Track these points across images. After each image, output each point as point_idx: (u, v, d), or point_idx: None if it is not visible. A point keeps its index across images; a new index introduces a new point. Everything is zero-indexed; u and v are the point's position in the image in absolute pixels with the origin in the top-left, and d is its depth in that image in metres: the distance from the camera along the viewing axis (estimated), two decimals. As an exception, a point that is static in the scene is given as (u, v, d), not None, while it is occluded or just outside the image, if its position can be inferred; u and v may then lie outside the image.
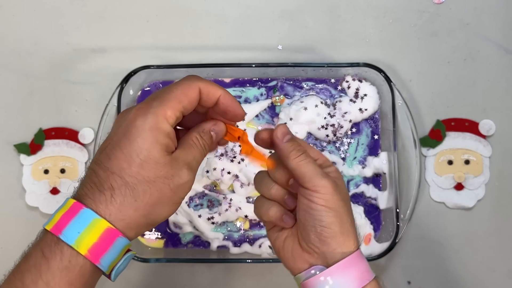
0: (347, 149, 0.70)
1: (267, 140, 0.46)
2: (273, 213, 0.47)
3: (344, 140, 0.70)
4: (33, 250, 0.41)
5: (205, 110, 0.46)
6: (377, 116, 0.70)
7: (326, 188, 0.43)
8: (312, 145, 0.70)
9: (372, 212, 0.70)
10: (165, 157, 0.41)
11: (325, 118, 0.69)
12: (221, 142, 0.48)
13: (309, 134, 0.70)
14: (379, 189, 0.69)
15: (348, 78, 0.70)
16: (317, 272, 0.44)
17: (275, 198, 0.47)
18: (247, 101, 0.71)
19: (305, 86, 0.71)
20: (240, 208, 0.69)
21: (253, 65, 0.69)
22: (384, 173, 0.69)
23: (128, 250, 0.42)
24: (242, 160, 0.68)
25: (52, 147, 0.72)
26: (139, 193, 0.40)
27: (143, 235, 0.70)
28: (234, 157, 0.68)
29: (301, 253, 0.46)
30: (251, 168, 0.68)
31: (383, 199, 0.68)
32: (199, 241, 0.70)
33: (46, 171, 0.72)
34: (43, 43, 0.74)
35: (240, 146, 0.47)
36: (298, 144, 0.45)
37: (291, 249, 0.46)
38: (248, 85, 0.71)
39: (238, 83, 0.71)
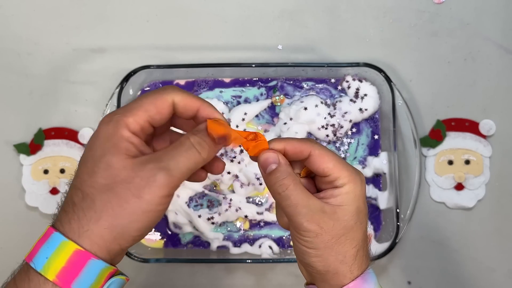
0: (347, 149, 0.70)
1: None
2: (283, 222, 0.46)
3: (344, 140, 0.70)
4: (9, 280, 0.38)
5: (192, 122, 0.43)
6: (377, 116, 0.70)
7: (308, 233, 0.42)
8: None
9: (372, 212, 0.70)
10: (124, 160, 0.38)
11: (325, 118, 0.69)
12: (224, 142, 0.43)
13: (309, 134, 0.70)
14: (379, 189, 0.69)
15: (348, 78, 0.70)
16: None
17: None
18: (247, 101, 0.71)
19: (305, 86, 0.71)
20: (240, 208, 0.69)
21: (253, 65, 0.69)
22: (384, 173, 0.69)
23: (116, 274, 0.39)
24: (242, 160, 0.68)
25: (51, 147, 0.72)
26: (99, 204, 0.37)
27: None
28: (234, 157, 0.68)
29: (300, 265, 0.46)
30: (251, 168, 0.68)
31: (383, 199, 0.68)
32: (199, 241, 0.70)
33: (45, 171, 0.72)
34: (43, 43, 0.74)
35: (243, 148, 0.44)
36: (284, 175, 0.42)
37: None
38: (248, 85, 0.71)
39: (238, 83, 0.71)
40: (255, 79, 0.71)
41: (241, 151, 0.68)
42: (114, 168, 0.37)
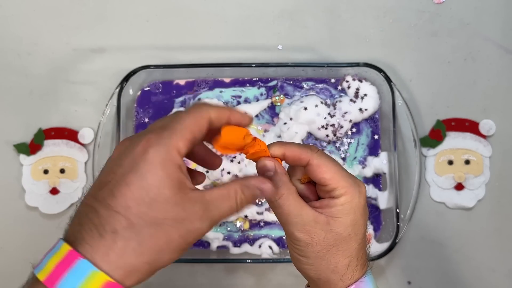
0: (347, 149, 0.70)
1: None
2: None
3: (344, 140, 0.70)
4: None
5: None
6: (377, 116, 0.70)
7: (299, 242, 0.43)
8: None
9: (372, 212, 0.69)
10: (177, 195, 0.36)
11: (325, 118, 0.69)
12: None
13: (309, 134, 0.70)
14: (379, 189, 0.69)
15: (348, 78, 0.70)
16: None
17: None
18: (247, 101, 0.71)
19: (305, 86, 0.71)
20: (240, 208, 0.69)
21: (253, 65, 0.69)
22: (384, 173, 0.69)
23: None
24: (242, 160, 0.68)
25: (51, 147, 0.72)
26: (145, 237, 0.35)
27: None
28: (234, 157, 0.68)
29: None
30: (251, 168, 0.68)
31: (383, 199, 0.68)
32: (199, 241, 0.70)
33: (45, 171, 0.72)
34: (43, 43, 0.74)
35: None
36: (279, 184, 0.42)
37: None
38: (248, 85, 0.71)
39: (238, 83, 0.71)
40: (255, 79, 0.71)
41: (241, 151, 0.68)
42: (168, 203, 0.36)
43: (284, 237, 0.70)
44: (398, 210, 0.66)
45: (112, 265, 0.35)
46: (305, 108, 0.68)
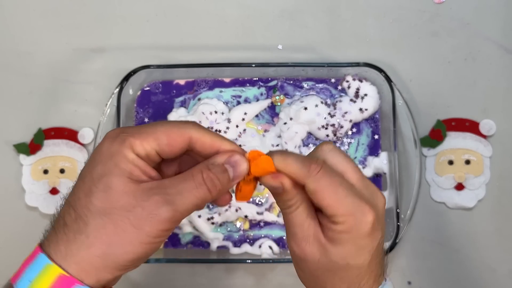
0: (347, 149, 0.70)
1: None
2: None
3: (344, 140, 0.70)
4: None
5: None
6: (377, 116, 0.70)
7: (293, 254, 0.40)
8: (312, 145, 0.70)
9: (372, 212, 0.69)
10: (126, 184, 0.35)
11: (325, 118, 0.69)
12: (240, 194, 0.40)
13: (309, 134, 0.70)
14: (380, 189, 0.69)
15: (348, 78, 0.70)
16: None
17: None
18: (247, 101, 0.71)
19: (305, 85, 0.71)
20: (240, 208, 0.69)
21: (253, 65, 0.69)
22: (384, 173, 0.69)
23: None
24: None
25: (51, 147, 0.72)
26: (92, 228, 0.34)
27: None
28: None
29: None
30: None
31: (383, 199, 0.68)
32: (199, 242, 0.70)
33: (45, 171, 0.72)
34: (43, 43, 0.74)
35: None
36: (289, 196, 0.39)
37: None
38: (248, 85, 0.71)
39: (238, 83, 0.71)
40: (255, 79, 0.71)
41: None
42: (114, 191, 0.35)
43: (284, 237, 0.70)
44: (398, 210, 0.66)
45: (65, 259, 0.35)
46: (305, 108, 0.68)
